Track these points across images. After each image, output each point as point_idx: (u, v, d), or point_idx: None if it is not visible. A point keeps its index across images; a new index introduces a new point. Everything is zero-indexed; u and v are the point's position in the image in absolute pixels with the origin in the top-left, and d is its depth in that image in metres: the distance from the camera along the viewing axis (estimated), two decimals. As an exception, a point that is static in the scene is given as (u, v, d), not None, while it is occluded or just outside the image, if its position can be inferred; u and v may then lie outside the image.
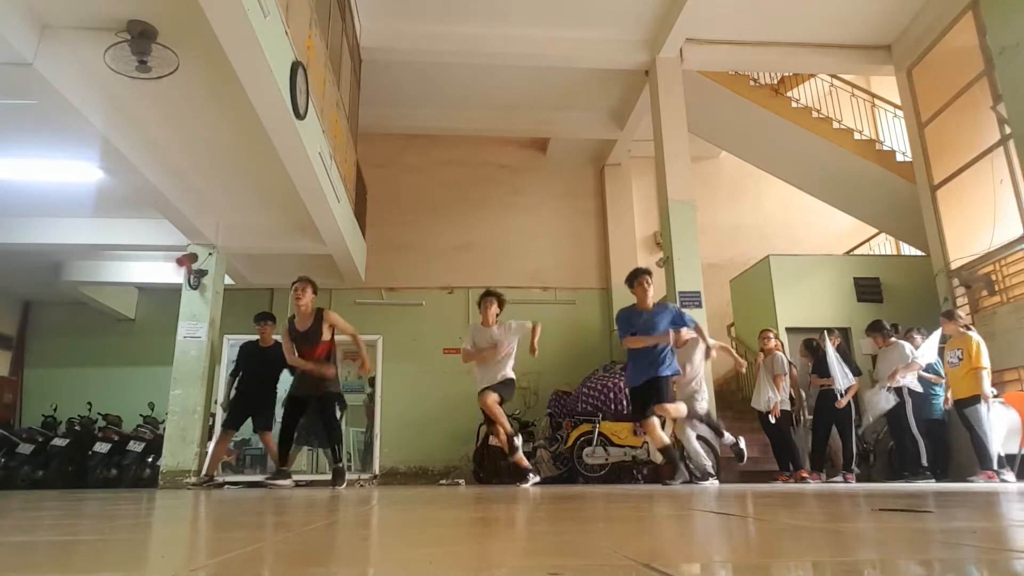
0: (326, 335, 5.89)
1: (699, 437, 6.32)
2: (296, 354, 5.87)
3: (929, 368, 6.77)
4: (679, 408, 5.60)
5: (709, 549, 1.03)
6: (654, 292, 5.75)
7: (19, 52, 4.28)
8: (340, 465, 5.90)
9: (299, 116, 5.28)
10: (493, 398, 5.59)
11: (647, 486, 6.07)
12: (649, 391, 5.48)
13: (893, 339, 6.86)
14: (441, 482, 7.95)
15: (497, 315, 5.87)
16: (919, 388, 6.55)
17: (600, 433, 7.30)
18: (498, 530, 1.39)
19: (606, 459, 7.21)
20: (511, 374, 5.78)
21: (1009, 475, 6.00)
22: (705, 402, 6.35)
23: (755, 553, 0.97)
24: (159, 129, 5.91)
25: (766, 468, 7.54)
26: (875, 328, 6.92)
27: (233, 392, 6.83)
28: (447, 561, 0.95)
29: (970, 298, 7.86)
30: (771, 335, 7.18)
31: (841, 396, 6.62)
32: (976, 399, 6.08)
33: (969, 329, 6.45)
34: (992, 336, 7.47)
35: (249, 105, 5.03)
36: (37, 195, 7.31)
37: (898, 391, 6.50)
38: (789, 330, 8.45)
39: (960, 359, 6.26)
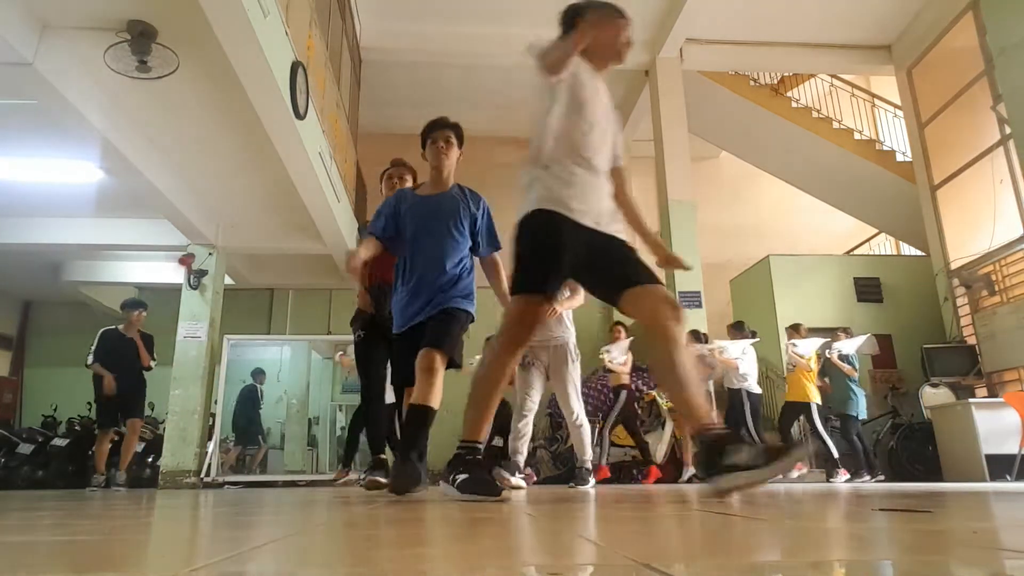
0: None
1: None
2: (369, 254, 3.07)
3: (846, 360, 7.02)
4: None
5: (709, 549, 1.03)
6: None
7: (19, 52, 4.29)
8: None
9: (299, 116, 5.28)
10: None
11: (644, 486, 6.06)
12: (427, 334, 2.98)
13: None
14: (441, 482, 7.94)
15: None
16: (757, 390, 6.83)
17: (600, 433, 7.28)
18: (497, 530, 1.39)
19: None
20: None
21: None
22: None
23: (756, 553, 0.97)
24: (159, 129, 5.92)
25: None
26: (734, 327, 7.24)
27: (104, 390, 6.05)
28: (445, 561, 0.95)
29: (970, 298, 7.86)
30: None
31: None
32: (807, 405, 6.67)
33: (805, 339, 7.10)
34: (992, 336, 7.46)
35: (249, 105, 5.04)
36: (37, 195, 7.32)
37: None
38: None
39: (795, 366, 6.89)
